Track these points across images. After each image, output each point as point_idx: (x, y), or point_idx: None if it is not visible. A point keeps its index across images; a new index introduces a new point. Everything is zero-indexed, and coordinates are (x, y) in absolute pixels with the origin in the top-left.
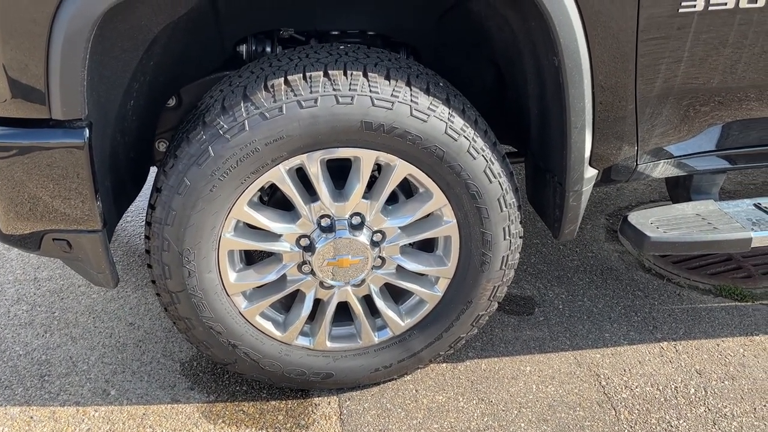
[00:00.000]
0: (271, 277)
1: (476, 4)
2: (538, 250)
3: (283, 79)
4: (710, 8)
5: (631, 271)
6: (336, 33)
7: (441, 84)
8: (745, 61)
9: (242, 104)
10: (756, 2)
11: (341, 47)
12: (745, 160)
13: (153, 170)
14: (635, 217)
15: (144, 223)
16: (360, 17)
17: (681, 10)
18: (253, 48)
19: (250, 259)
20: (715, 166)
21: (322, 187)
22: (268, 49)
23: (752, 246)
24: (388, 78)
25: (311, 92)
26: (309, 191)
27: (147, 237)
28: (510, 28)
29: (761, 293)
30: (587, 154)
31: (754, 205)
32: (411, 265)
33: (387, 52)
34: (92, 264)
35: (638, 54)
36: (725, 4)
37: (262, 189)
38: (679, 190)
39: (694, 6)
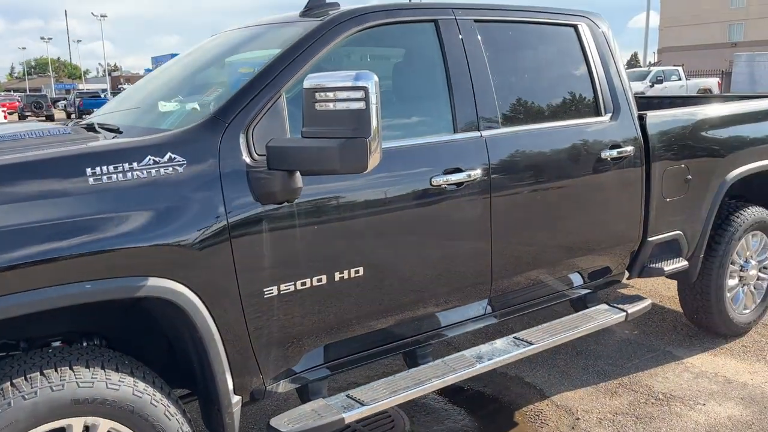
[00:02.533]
0: None
1: (147, 302)
2: None
3: (9, 383)
4: (282, 292)
5: None
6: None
7: (126, 362)
8: (323, 312)
9: None
10: (314, 283)
11: (50, 350)
12: (342, 366)
13: None
14: (275, 421)
15: None
16: (58, 324)
17: (266, 296)
18: None
19: None
20: (321, 375)
21: None
22: None
23: (346, 422)
24: (87, 367)
25: (32, 387)
26: None
27: None
28: (171, 316)
29: None
30: (231, 387)
31: (346, 395)
32: None
33: (85, 348)
34: None
35: (247, 323)
36: (288, 288)
37: None
38: (302, 394)
39: (272, 292)
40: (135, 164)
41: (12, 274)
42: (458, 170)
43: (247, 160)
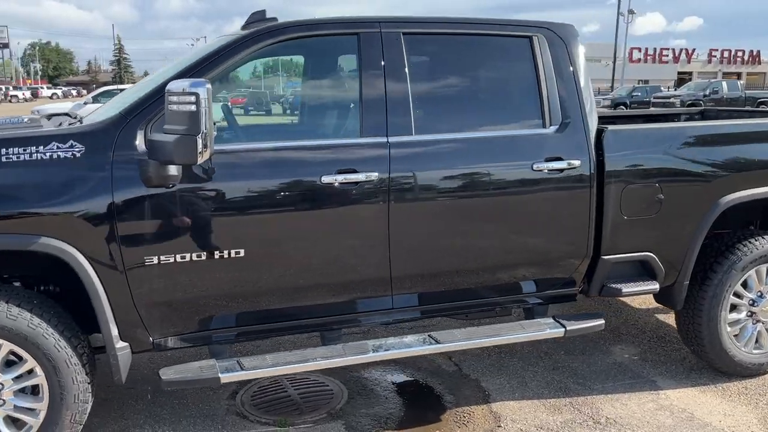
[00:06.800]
0: None
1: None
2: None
3: None
4: (162, 262)
5: (229, 416)
6: None
7: (36, 301)
8: (205, 284)
9: None
10: (193, 258)
11: None
12: (242, 335)
13: None
14: (163, 371)
15: None
16: (12, 270)
17: (146, 264)
18: None
19: None
20: (220, 338)
21: None
22: None
23: (222, 383)
24: None
25: None
26: None
27: None
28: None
29: (311, 419)
30: (115, 334)
31: (236, 360)
32: (22, 403)
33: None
34: None
35: (129, 285)
36: (168, 260)
37: None
38: (212, 354)
39: (153, 261)
40: (41, 148)
41: None
42: (353, 171)
43: (141, 150)
